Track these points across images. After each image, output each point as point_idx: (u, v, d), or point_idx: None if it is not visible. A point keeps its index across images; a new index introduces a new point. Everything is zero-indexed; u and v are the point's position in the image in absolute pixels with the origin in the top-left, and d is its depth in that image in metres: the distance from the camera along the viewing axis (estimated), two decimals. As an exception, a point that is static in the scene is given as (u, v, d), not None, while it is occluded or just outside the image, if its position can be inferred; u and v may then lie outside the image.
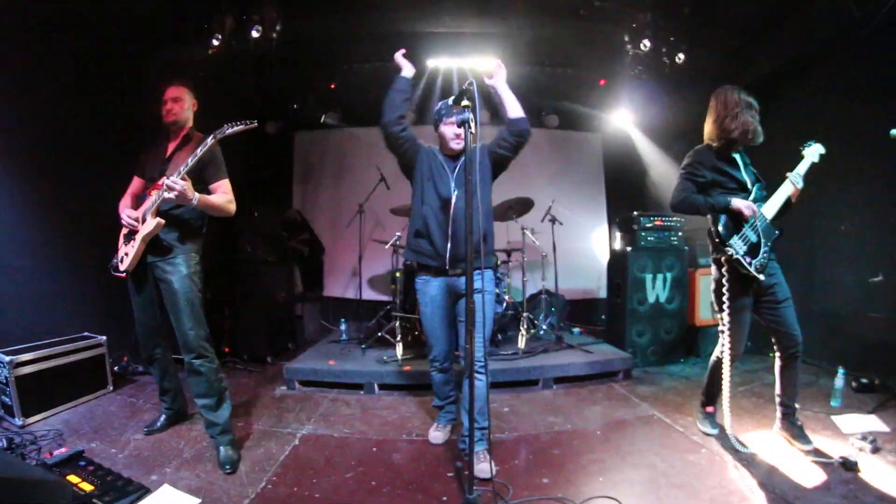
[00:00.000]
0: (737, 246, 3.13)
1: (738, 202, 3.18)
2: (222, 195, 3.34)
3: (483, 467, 2.91)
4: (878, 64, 4.43)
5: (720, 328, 3.34)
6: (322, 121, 7.14)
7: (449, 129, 3.22)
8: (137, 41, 5.30)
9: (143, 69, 5.56)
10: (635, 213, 5.69)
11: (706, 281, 5.76)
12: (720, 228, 3.19)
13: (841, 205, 4.89)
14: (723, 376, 3.37)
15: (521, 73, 6.30)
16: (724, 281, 3.23)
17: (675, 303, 5.67)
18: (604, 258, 6.94)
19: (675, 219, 5.73)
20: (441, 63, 6.11)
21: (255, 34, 4.69)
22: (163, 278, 3.31)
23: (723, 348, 3.35)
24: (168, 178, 2.98)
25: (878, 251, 4.56)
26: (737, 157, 3.37)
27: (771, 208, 3.29)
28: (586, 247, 7.85)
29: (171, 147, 3.44)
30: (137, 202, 3.52)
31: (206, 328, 3.35)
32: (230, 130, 3.06)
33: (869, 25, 4.12)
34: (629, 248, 5.62)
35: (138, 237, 3.24)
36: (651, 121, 7.27)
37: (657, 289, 5.60)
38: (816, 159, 3.36)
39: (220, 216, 3.38)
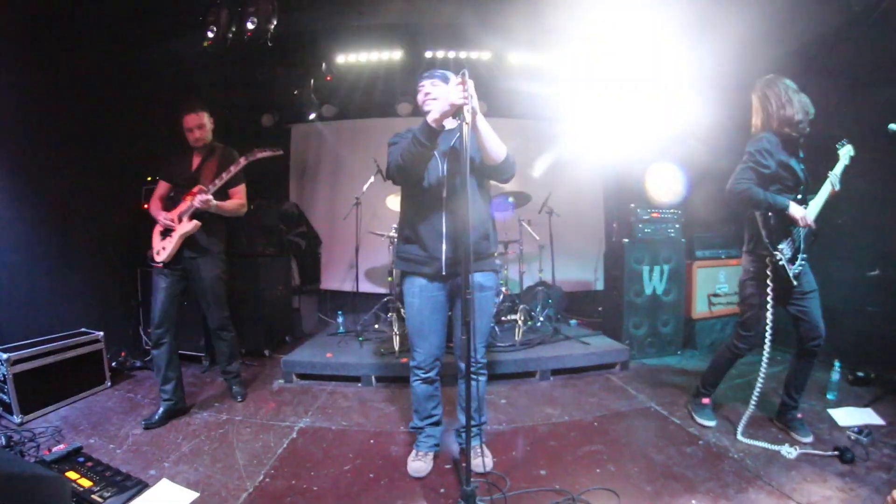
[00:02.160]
0: (785, 251, 3.14)
1: (796, 210, 3.10)
2: (236, 200, 4.04)
3: (479, 462, 2.93)
4: (876, 58, 4.41)
5: (739, 321, 3.37)
6: (311, 118, 7.10)
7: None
8: (132, 34, 5.27)
9: (139, 62, 5.54)
10: (632, 204, 5.69)
11: (703, 273, 5.77)
12: (773, 228, 3.17)
13: (838, 199, 4.86)
14: (727, 368, 3.43)
15: (520, 64, 6.28)
16: (769, 281, 3.21)
17: (672, 295, 5.68)
18: (601, 250, 6.94)
19: (671, 211, 5.73)
20: (438, 54, 6.08)
21: (250, 26, 4.65)
22: (197, 274, 3.97)
23: (736, 340, 3.39)
24: (206, 192, 3.73)
25: (876, 245, 4.57)
26: (799, 151, 3.29)
27: (812, 212, 3.22)
28: (583, 239, 7.84)
29: (197, 159, 4.00)
30: (163, 203, 4.05)
31: (227, 310, 4.23)
32: (260, 155, 3.73)
33: (867, 20, 4.11)
34: (626, 240, 5.61)
35: (176, 234, 3.82)
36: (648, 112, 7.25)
37: (654, 281, 5.61)
38: (847, 161, 3.34)
39: (233, 216, 4.08)
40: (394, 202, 5.61)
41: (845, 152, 3.35)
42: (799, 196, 3.21)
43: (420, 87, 2.94)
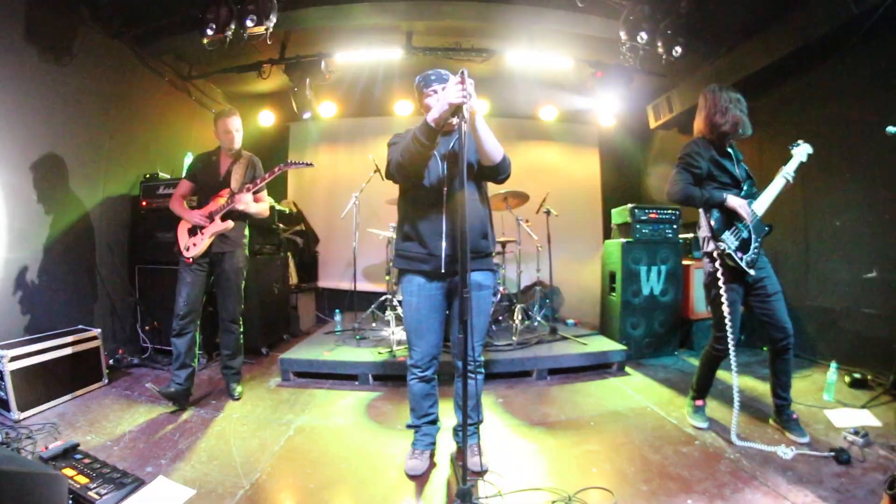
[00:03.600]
0: (728, 241, 3.20)
1: (733, 201, 3.24)
2: (264, 203, 4.34)
3: (475, 461, 2.93)
4: (875, 60, 4.42)
5: (712, 323, 3.38)
6: (308, 116, 7.09)
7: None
8: (132, 30, 5.27)
9: (139, 60, 5.54)
10: (630, 205, 5.69)
11: (700, 274, 5.77)
12: (713, 223, 3.24)
13: (836, 200, 4.90)
14: (715, 369, 3.43)
15: (518, 65, 6.28)
16: (718, 275, 3.27)
17: (670, 295, 5.69)
18: (598, 250, 6.95)
19: (670, 211, 5.73)
20: (438, 53, 6.07)
21: (249, 24, 4.65)
22: (222, 269, 4.19)
23: (714, 342, 3.39)
24: (243, 193, 4.06)
25: (873, 247, 4.57)
26: (731, 151, 3.42)
27: (762, 204, 3.34)
28: (581, 239, 7.86)
29: (226, 163, 4.25)
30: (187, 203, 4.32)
31: (242, 304, 4.39)
32: (294, 166, 4.20)
33: (867, 22, 4.11)
34: (624, 240, 5.62)
35: (207, 232, 4.06)
36: (647, 113, 7.27)
37: (651, 281, 5.62)
38: (804, 159, 3.40)
39: (260, 217, 4.40)
40: (392, 201, 5.61)
41: (801, 150, 3.41)
42: (744, 192, 3.35)
43: (432, 91, 2.89)
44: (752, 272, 3.23)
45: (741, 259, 3.20)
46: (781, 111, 5.36)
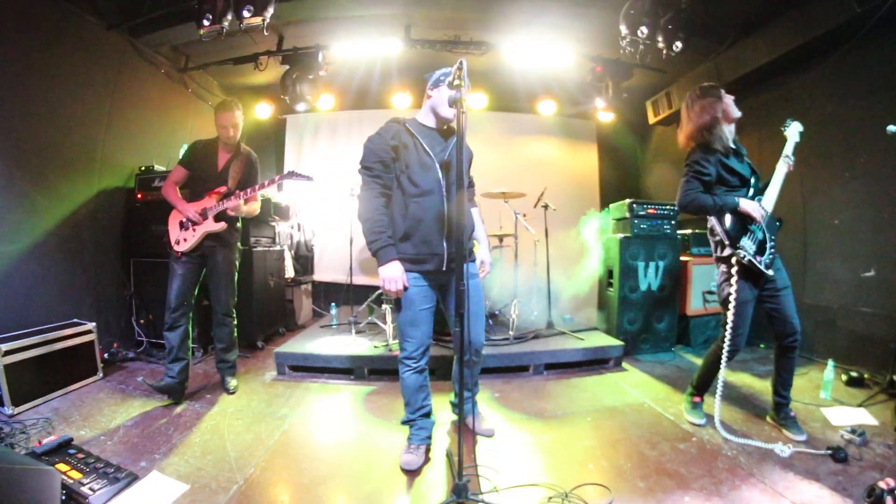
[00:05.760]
0: (748, 247, 3.14)
1: (746, 205, 3.18)
2: (255, 203, 4.33)
3: (481, 427, 2.98)
4: (876, 60, 4.40)
5: (722, 322, 3.34)
6: (305, 109, 7.03)
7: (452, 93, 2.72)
8: (127, 21, 5.22)
9: (134, 51, 5.50)
10: (629, 200, 5.67)
11: (698, 270, 5.77)
12: (728, 229, 3.19)
13: (834, 199, 4.89)
14: (719, 368, 3.40)
15: (517, 58, 6.25)
16: (732, 282, 3.21)
17: (667, 291, 5.67)
18: (596, 245, 6.93)
19: (668, 207, 5.72)
20: (437, 46, 6.03)
21: (246, 14, 4.61)
22: (215, 261, 4.16)
23: (721, 342, 3.36)
24: (236, 199, 4.00)
25: (871, 246, 4.56)
26: (735, 147, 3.35)
27: (770, 199, 3.29)
28: (578, 233, 7.84)
29: (224, 158, 4.19)
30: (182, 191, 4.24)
31: (235, 297, 4.36)
32: (294, 178, 4.07)
33: (869, 21, 4.09)
34: (622, 236, 5.61)
35: (200, 229, 4.02)
36: (646, 109, 7.25)
37: (649, 277, 5.60)
38: (798, 138, 3.36)
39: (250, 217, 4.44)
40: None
41: (793, 130, 3.37)
42: (752, 189, 3.30)
43: (440, 85, 2.97)
44: (770, 273, 3.20)
45: (760, 262, 3.16)
46: (781, 108, 5.33)
